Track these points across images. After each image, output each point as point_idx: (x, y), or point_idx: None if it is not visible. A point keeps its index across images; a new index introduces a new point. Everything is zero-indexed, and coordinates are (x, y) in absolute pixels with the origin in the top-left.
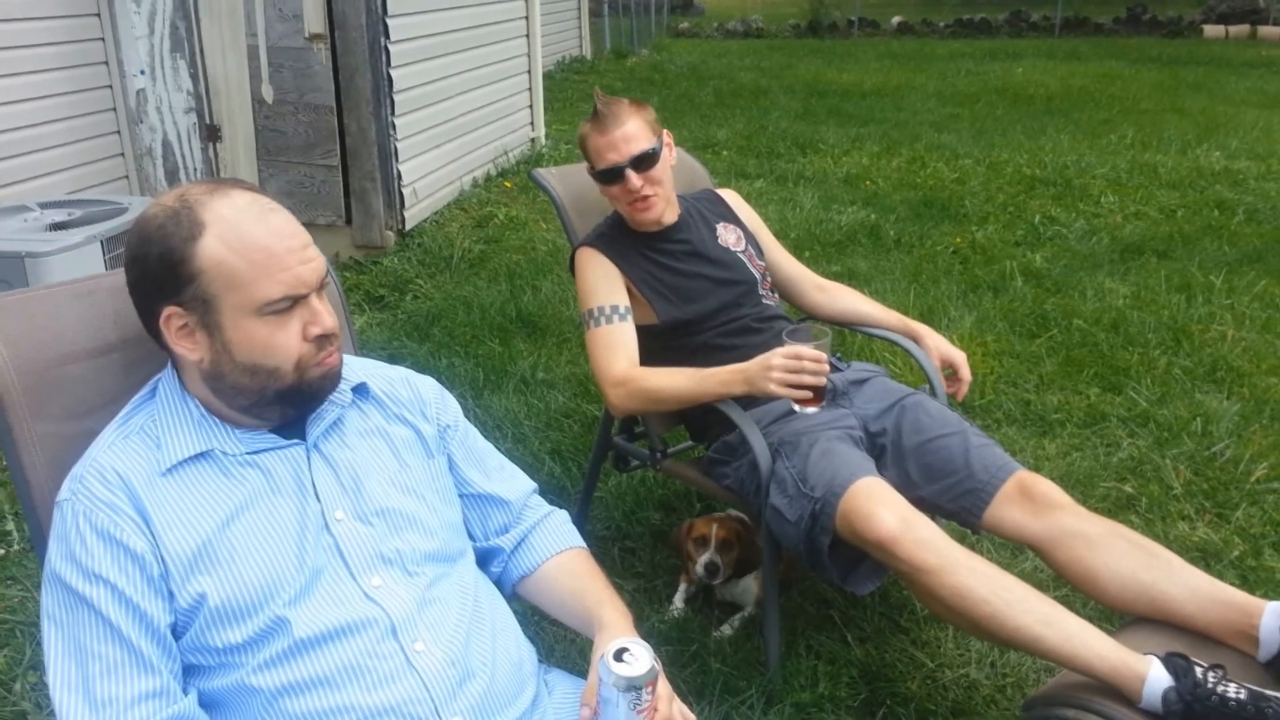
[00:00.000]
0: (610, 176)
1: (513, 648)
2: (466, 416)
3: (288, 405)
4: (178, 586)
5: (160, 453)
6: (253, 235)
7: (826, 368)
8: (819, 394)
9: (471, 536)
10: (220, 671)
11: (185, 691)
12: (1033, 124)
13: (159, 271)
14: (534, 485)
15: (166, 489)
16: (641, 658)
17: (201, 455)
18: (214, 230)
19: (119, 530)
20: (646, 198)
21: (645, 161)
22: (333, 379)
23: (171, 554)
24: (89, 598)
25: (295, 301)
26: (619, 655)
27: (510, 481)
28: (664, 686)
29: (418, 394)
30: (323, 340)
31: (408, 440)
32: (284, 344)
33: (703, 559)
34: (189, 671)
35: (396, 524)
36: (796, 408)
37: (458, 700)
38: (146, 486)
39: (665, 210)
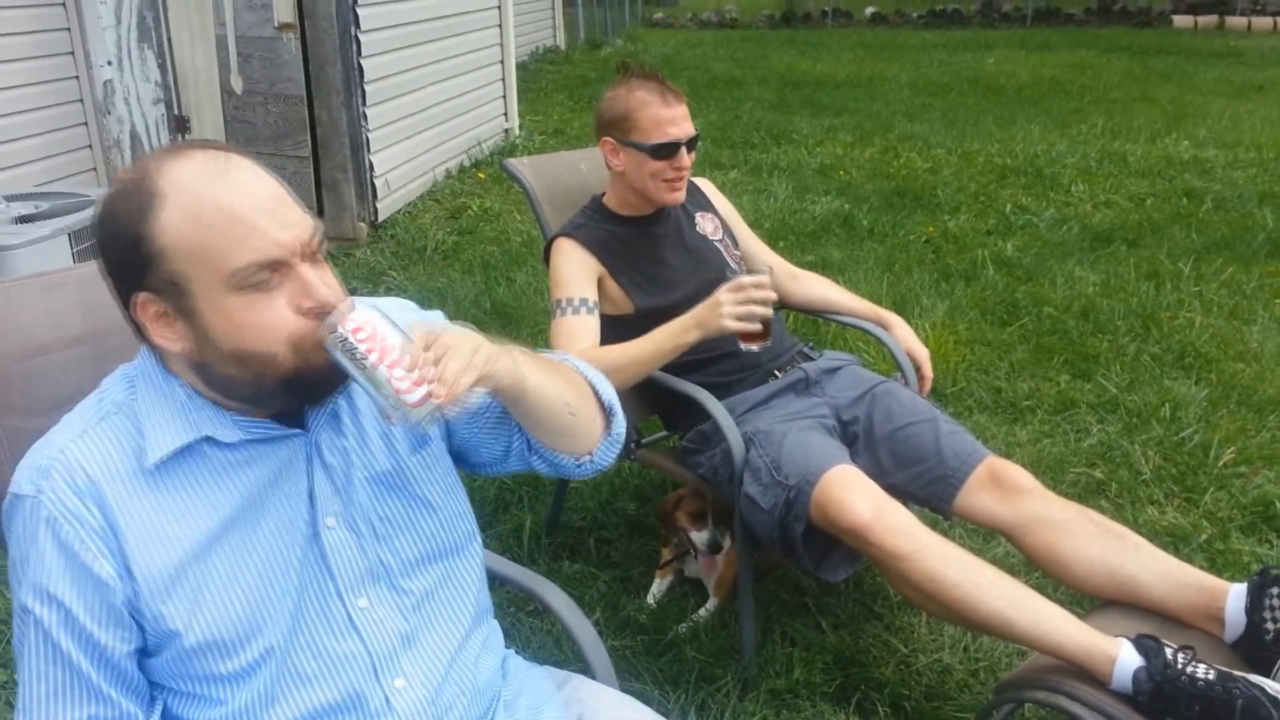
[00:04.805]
0: (667, 151)
1: (492, 659)
2: None
3: (292, 396)
4: (148, 606)
5: (144, 443)
6: (211, 196)
7: (772, 295)
8: (766, 329)
9: (495, 461)
10: (195, 703)
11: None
12: (1004, 114)
13: (121, 255)
14: None
15: (144, 496)
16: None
17: (189, 449)
18: (170, 200)
19: (84, 549)
20: (684, 178)
21: (693, 144)
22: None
23: (144, 572)
24: (40, 618)
25: (274, 270)
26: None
27: None
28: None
29: None
30: (320, 315)
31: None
32: (270, 322)
33: (707, 536)
34: (163, 692)
35: (386, 531)
36: (744, 346)
37: None
38: (121, 492)
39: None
